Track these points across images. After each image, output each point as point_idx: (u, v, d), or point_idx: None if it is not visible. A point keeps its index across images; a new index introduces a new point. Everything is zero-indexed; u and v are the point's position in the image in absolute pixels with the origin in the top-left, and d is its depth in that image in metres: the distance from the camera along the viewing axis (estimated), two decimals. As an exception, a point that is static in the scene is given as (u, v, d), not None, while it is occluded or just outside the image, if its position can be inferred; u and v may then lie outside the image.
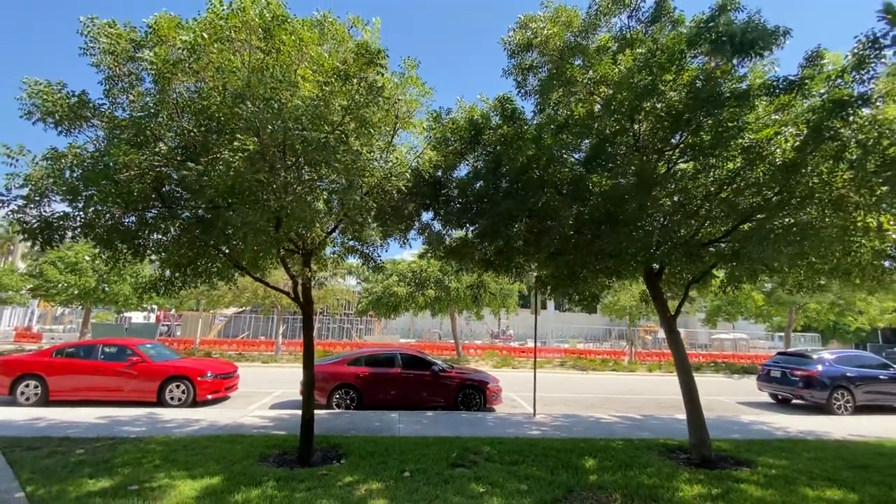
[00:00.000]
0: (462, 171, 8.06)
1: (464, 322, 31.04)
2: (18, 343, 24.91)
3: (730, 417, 10.79)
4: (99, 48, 4.45)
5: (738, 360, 26.29)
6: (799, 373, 12.54)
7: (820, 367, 12.35)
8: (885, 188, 4.71)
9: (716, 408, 12.50)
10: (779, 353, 14.58)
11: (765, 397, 14.15)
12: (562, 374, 19.91)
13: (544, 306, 34.89)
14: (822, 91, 5.53)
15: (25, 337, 27.29)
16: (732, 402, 13.79)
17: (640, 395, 14.39)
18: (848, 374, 12.31)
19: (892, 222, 5.20)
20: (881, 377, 12.60)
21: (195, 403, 10.07)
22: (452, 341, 24.19)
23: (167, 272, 5.57)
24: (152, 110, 4.41)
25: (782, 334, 26.77)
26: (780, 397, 13.64)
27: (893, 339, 38.28)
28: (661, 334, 37.95)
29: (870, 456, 7.26)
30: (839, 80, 5.38)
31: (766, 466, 6.40)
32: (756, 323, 27.13)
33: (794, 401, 13.23)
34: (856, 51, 4.96)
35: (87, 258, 19.21)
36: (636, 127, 6.00)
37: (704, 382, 18.63)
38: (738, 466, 6.43)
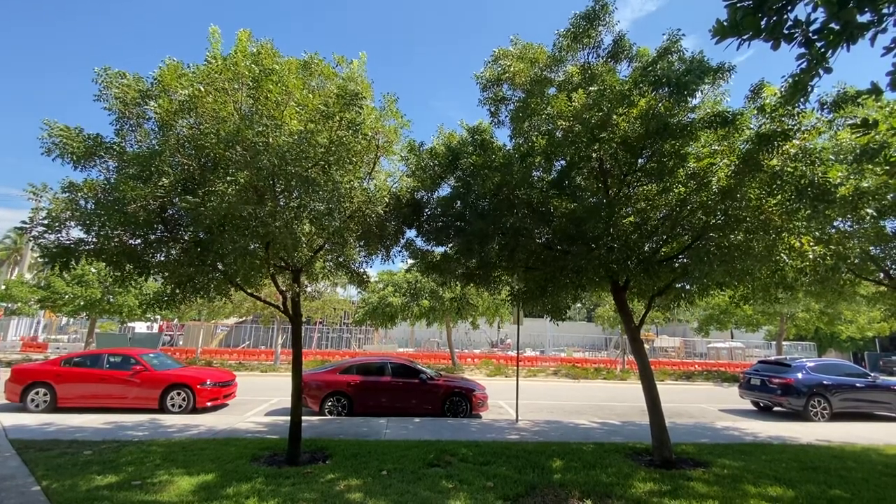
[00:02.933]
0: (444, 190, 8.69)
1: (463, 331, 31.49)
2: (25, 353, 25.55)
3: (706, 424, 11.22)
4: (111, 94, 5.13)
5: (733, 368, 26.58)
6: (777, 381, 12.98)
7: (797, 376, 12.79)
8: (807, 212, 5.28)
9: (696, 415, 12.95)
10: (760, 362, 15.02)
11: (748, 405, 14.55)
12: (554, 383, 20.35)
13: (542, 315, 35.22)
14: (760, 123, 6.14)
15: (32, 347, 27.90)
16: (715, 409, 14.19)
17: (625, 403, 14.84)
18: (824, 382, 12.72)
19: (811, 243, 5.75)
20: (858, 385, 13.00)
21: (195, 410, 10.63)
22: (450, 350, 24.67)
23: (169, 288, 6.18)
24: (157, 148, 5.06)
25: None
26: (761, 405, 14.04)
27: (891, 348, 38.37)
28: (657, 343, 38.29)
29: (825, 459, 7.71)
30: (775, 113, 6.00)
31: (720, 467, 6.89)
32: (748, 331, 27.46)
33: (775, 408, 13.65)
34: (782, 90, 5.56)
35: (94, 270, 19.93)
36: (594, 154, 6.60)
37: (694, 390, 19.08)
38: (695, 467, 6.92)
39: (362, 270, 7.84)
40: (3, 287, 22.84)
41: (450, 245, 8.37)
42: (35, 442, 7.30)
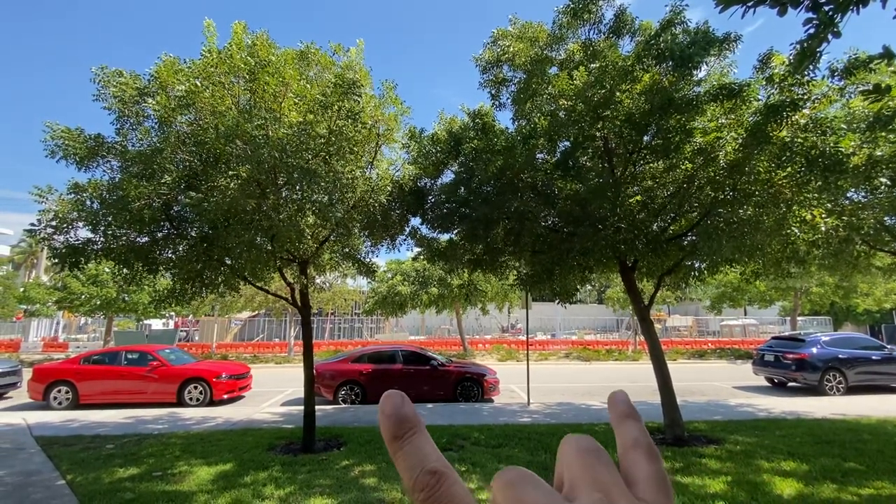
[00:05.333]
0: (448, 176, 8.63)
1: (474, 318, 31.60)
2: (46, 353, 26.17)
3: (719, 401, 11.19)
4: (109, 94, 5.14)
5: (747, 345, 26.36)
6: (791, 356, 12.85)
7: (812, 350, 12.65)
8: (818, 184, 5.15)
9: (709, 392, 12.91)
10: (773, 338, 14.88)
11: (762, 382, 14.46)
12: (565, 366, 20.41)
13: (552, 299, 35.17)
14: (769, 94, 5.97)
15: (53, 347, 28.52)
16: (728, 386, 14.13)
17: (636, 383, 14.82)
18: (840, 356, 12.56)
19: (823, 215, 5.63)
20: (874, 358, 12.82)
21: (212, 403, 10.85)
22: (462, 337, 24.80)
23: (178, 284, 6.26)
24: (158, 146, 5.08)
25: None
26: (776, 381, 13.94)
27: (909, 320, 37.72)
28: (669, 322, 38.12)
29: (840, 432, 7.66)
30: (784, 83, 5.82)
31: (733, 443, 6.88)
32: (761, 308, 27.20)
33: (789, 384, 13.54)
34: (790, 58, 5.39)
35: (107, 270, 20.26)
36: (598, 133, 6.49)
37: (706, 368, 19.01)
38: (707, 444, 6.92)
39: (369, 260, 7.86)
40: (22, 290, 23.35)
41: (455, 231, 8.34)
42: (59, 438, 7.51)
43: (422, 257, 9.20)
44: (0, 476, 5.62)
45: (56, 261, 5.16)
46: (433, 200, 8.26)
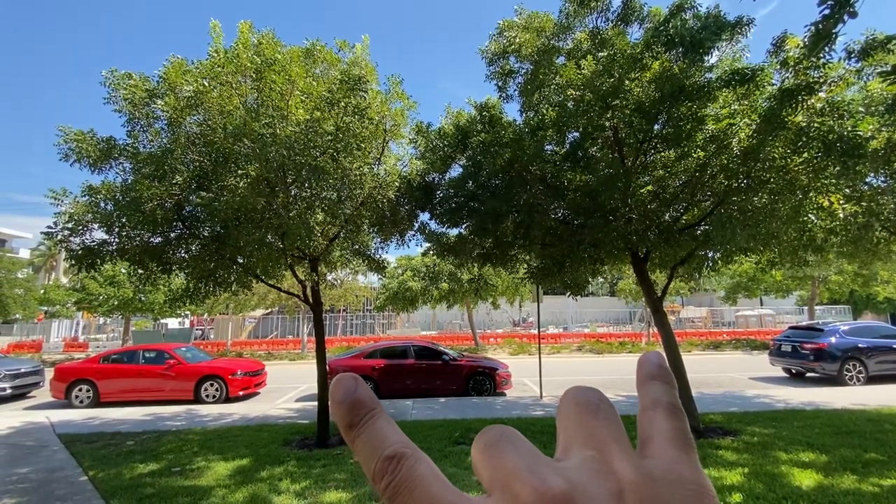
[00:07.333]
0: (456, 170, 8.60)
1: (485, 312, 31.61)
2: (68, 353, 26.80)
3: (735, 392, 11.06)
4: (120, 96, 5.21)
5: (763, 336, 25.93)
6: (809, 346, 12.62)
7: (830, 340, 12.40)
8: (835, 169, 5.02)
9: (725, 384, 12.76)
10: (790, 328, 14.64)
11: (779, 372, 14.23)
12: (578, 359, 20.33)
13: (563, 292, 34.95)
14: (783, 78, 5.83)
15: (73, 347, 29.15)
16: (745, 378, 13.93)
17: (651, 375, 14.70)
18: (859, 346, 12.30)
19: (841, 201, 5.49)
20: (895, 347, 12.54)
21: (228, 399, 11.02)
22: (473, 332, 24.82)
23: (192, 283, 6.34)
24: (168, 147, 5.15)
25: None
26: (793, 371, 13.71)
27: (933, 307, 36.72)
28: (683, 314, 37.69)
29: (860, 423, 7.51)
30: (799, 66, 5.68)
31: (750, 435, 6.79)
32: (777, 298, 26.74)
33: (807, 374, 13.30)
34: (805, 41, 5.24)
35: (124, 271, 20.66)
36: (607, 123, 6.41)
37: (722, 360, 18.79)
38: (723, 436, 6.84)
39: (379, 256, 7.89)
40: (42, 292, 23.92)
41: (464, 226, 8.31)
42: (81, 435, 7.70)
43: (431, 252, 9.20)
44: (25, 473, 5.79)
45: (73, 262, 5.27)
46: (441, 195, 8.24)
